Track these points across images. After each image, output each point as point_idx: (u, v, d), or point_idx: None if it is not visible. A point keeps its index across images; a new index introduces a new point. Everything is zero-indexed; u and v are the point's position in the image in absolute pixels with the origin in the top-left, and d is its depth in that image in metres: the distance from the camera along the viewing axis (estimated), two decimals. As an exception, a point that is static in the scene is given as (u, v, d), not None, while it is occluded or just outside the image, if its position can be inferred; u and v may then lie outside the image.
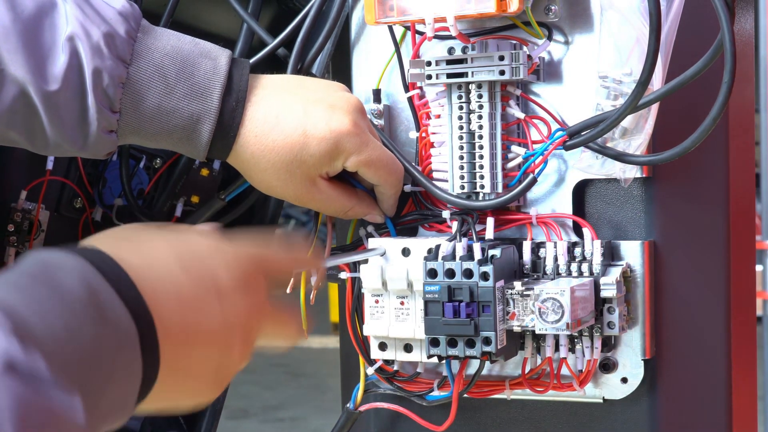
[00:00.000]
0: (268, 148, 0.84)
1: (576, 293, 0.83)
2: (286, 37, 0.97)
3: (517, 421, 0.98)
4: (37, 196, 0.99)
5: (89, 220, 1.03)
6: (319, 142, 0.84)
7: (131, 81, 0.80)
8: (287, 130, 0.84)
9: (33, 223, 0.98)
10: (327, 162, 0.85)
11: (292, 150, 0.84)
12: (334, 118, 0.85)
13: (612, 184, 0.92)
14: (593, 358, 0.90)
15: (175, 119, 0.82)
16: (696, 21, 0.86)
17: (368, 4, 0.89)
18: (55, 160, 0.99)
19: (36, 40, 0.77)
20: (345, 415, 0.99)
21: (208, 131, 0.82)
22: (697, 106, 0.83)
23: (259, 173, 0.85)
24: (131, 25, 0.80)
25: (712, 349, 0.92)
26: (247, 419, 4.40)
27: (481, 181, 0.91)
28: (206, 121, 0.82)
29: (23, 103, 0.78)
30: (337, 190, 0.88)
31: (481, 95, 0.90)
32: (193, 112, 0.82)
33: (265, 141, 0.84)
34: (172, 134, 0.83)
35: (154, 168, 1.04)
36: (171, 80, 0.81)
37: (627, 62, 0.85)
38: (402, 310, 0.93)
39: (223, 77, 0.83)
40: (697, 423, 0.93)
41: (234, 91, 0.83)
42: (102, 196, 1.02)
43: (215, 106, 0.82)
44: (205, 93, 0.82)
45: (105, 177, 1.02)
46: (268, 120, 0.84)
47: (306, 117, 0.85)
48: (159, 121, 0.82)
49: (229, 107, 0.83)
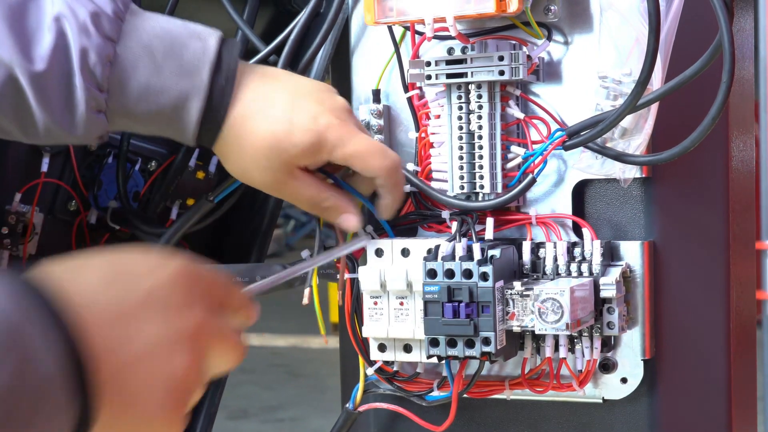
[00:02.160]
0: (252, 131, 0.83)
1: (576, 293, 0.83)
2: (278, 44, 0.97)
3: (517, 421, 0.98)
4: (31, 198, 0.98)
5: (84, 223, 1.02)
6: (303, 133, 0.83)
7: (119, 59, 0.79)
8: (273, 117, 0.83)
9: (27, 226, 0.97)
10: (309, 154, 0.84)
11: (275, 136, 0.83)
12: (320, 112, 0.84)
13: (612, 184, 0.92)
14: (593, 358, 0.90)
15: (164, 98, 0.81)
16: (696, 21, 0.86)
17: (368, 4, 0.89)
18: (50, 162, 0.98)
19: (22, 21, 0.76)
20: (344, 415, 0.99)
21: (198, 109, 0.81)
22: (696, 106, 0.83)
23: (238, 157, 0.84)
24: (119, 6, 0.80)
25: (712, 349, 0.92)
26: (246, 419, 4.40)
27: (480, 182, 0.91)
28: (195, 98, 0.81)
29: (11, 86, 0.77)
30: (312, 180, 0.86)
31: (480, 95, 0.90)
32: (182, 89, 0.81)
33: (250, 123, 0.83)
34: (161, 114, 0.81)
35: (149, 171, 1.03)
36: (159, 59, 0.80)
37: (627, 62, 0.85)
38: (401, 311, 0.93)
39: (213, 56, 0.82)
40: (697, 423, 0.93)
41: (224, 70, 0.82)
42: (97, 199, 1.01)
43: (205, 84, 0.81)
44: (194, 71, 0.81)
45: (100, 179, 1.01)
46: (257, 102, 0.83)
47: (293, 107, 0.84)
48: (147, 101, 0.81)
49: (219, 85, 0.82)
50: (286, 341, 5.76)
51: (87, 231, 1.02)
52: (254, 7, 1.03)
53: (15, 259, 0.98)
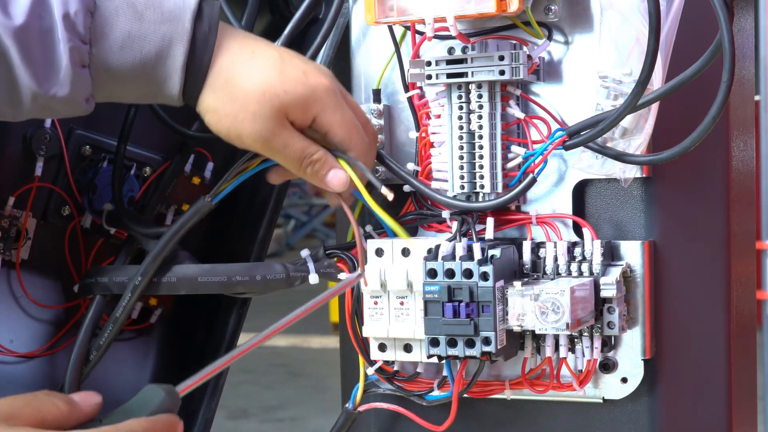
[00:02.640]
0: (243, 75, 0.82)
1: (576, 293, 0.83)
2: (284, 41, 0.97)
3: (517, 420, 0.98)
4: (25, 203, 0.97)
5: (77, 228, 1.01)
6: (295, 83, 0.83)
7: (99, 9, 0.79)
8: (263, 65, 0.83)
9: (20, 231, 0.96)
10: (300, 106, 0.83)
11: (267, 81, 0.82)
12: (310, 70, 0.84)
13: (612, 184, 0.92)
14: (593, 358, 0.90)
15: (147, 45, 0.80)
16: (696, 21, 0.86)
17: (368, 4, 0.89)
18: (44, 166, 0.97)
19: None
20: (344, 415, 0.99)
21: (182, 54, 0.81)
22: (696, 106, 0.83)
23: (228, 105, 0.83)
24: None
25: (712, 349, 0.92)
26: (247, 419, 4.40)
27: (481, 181, 0.91)
28: (179, 43, 0.81)
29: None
30: (301, 134, 0.85)
31: (481, 95, 0.90)
32: (165, 34, 0.80)
33: (241, 68, 0.82)
34: (145, 65, 0.81)
35: (143, 177, 1.02)
36: (140, 7, 0.80)
37: (627, 62, 0.85)
38: (402, 310, 0.93)
39: (194, 3, 0.81)
40: (697, 423, 0.93)
41: (206, 17, 0.82)
42: (92, 203, 1.01)
43: (188, 28, 0.81)
44: (175, 18, 0.81)
45: (95, 183, 1.00)
46: (245, 51, 0.83)
47: (282, 60, 0.84)
48: (131, 49, 0.80)
49: (202, 32, 0.82)
50: (286, 341, 5.77)
51: (81, 236, 1.01)
52: (253, 12, 1.03)
53: (8, 264, 0.97)
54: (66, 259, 1.01)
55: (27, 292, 0.99)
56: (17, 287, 0.99)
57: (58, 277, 1.01)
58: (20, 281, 0.98)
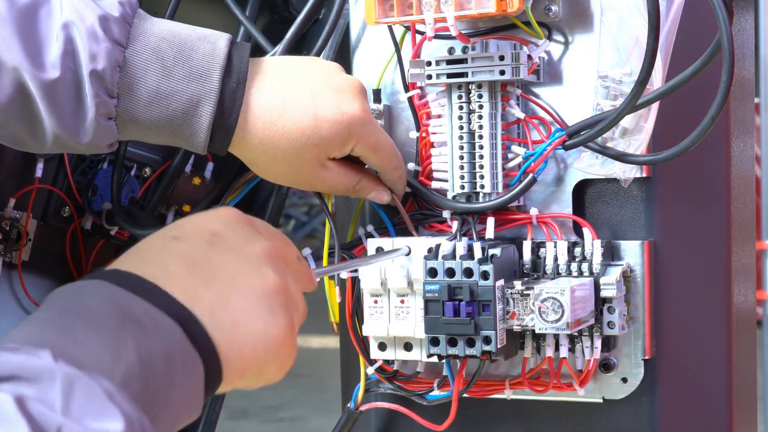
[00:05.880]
0: (278, 135, 0.83)
1: (576, 293, 0.83)
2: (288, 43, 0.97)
3: (517, 420, 0.98)
4: (25, 204, 0.97)
5: (78, 230, 1.01)
6: (331, 125, 0.84)
7: (128, 64, 0.79)
8: (297, 115, 0.83)
9: (21, 232, 0.96)
10: (338, 146, 0.85)
11: (303, 134, 0.83)
12: (343, 101, 0.85)
13: (612, 184, 0.92)
14: (593, 357, 0.90)
15: (174, 102, 0.80)
16: (696, 21, 0.86)
17: (368, 4, 0.89)
18: (44, 167, 0.97)
19: (31, 29, 0.76)
20: (346, 414, 0.99)
21: (209, 114, 0.81)
22: (696, 105, 0.84)
23: (268, 161, 0.84)
24: (126, 10, 0.79)
25: (712, 349, 0.92)
26: (247, 419, 4.40)
27: (481, 181, 0.91)
28: (206, 102, 0.81)
29: (20, 92, 0.77)
30: (344, 168, 0.88)
31: (481, 95, 0.90)
32: (193, 93, 0.80)
33: (274, 127, 0.83)
34: (172, 120, 0.81)
35: (143, 177, 1.02)
36: (169, 63, 0.80)
37: (627, 62, 0.85)
38: (402, 309, 0.93)
39: (223, 59, 0.81)
40: (697, 423, 0.93)
41: (234, 72, 0.82)
42: (92, 204, 1.01)
43: (216, 87, 0.81)
44: (204, 75, 0.81)
45: (95, 184, 1.00)
46: (276, 105, 0.83)
47: (314, 101, 0.84)
48: (158, 105, 0.80)
49: (230, 89, 0.82)
50: (287, 341, 5.75)
51: (81, 237, 1.01)
52: (254, 9, 1.02)
53: (8, 265, 0.97)
54: (67, 261, 1.01)
55: (28, 294, 0.99)
56: (19, 288, 0.99)
57: (59, 279, 1.01)
58: (21, 282, 0.98)
